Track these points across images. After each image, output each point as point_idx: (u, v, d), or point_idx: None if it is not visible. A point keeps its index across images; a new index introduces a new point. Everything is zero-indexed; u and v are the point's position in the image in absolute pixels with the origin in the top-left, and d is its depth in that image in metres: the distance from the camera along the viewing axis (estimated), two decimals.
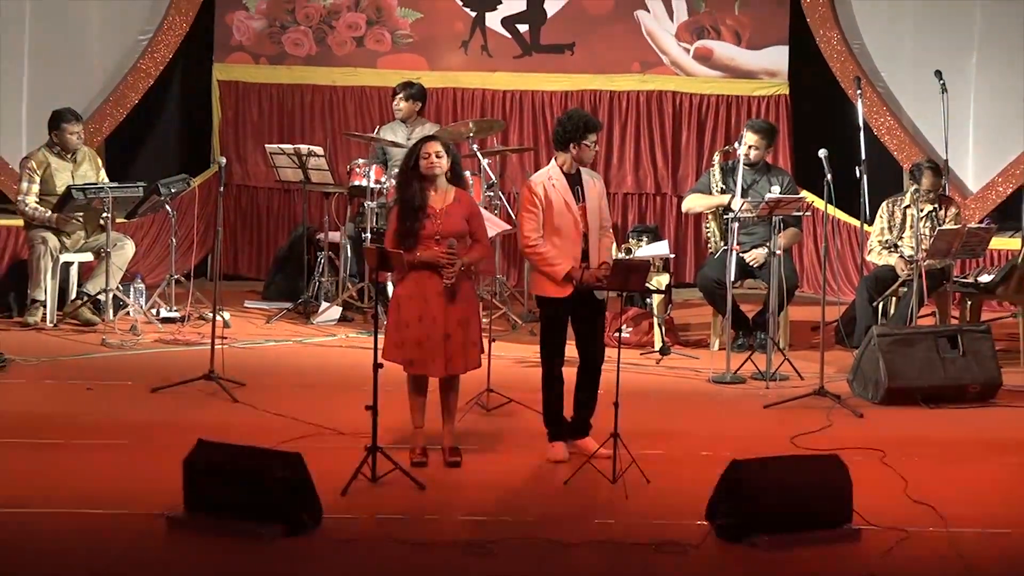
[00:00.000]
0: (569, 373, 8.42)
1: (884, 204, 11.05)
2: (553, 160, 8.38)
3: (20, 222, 11.74)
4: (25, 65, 12.76)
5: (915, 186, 10.85)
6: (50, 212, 11.25)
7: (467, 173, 10.90)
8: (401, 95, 11.84)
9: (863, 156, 11.26)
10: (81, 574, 6.63)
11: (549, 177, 8.32)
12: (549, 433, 8.42)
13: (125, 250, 11.41)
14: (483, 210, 9.64)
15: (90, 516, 7.33)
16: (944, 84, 12.08)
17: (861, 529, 7.23)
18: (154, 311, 11.37)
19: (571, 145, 8.28)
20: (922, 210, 10.85)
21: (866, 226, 11.20)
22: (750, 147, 10.74)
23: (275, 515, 7.08)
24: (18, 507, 7.39)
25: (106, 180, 11.49)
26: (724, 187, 10.82)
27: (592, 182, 8.38)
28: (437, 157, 7.99)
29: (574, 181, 8.33)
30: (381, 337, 8.04)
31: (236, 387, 9.48)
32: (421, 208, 7.99)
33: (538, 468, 8.25)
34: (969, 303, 11.08)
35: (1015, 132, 12.23)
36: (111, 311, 11.11)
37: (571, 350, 8.47)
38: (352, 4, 13.03)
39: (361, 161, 11.67)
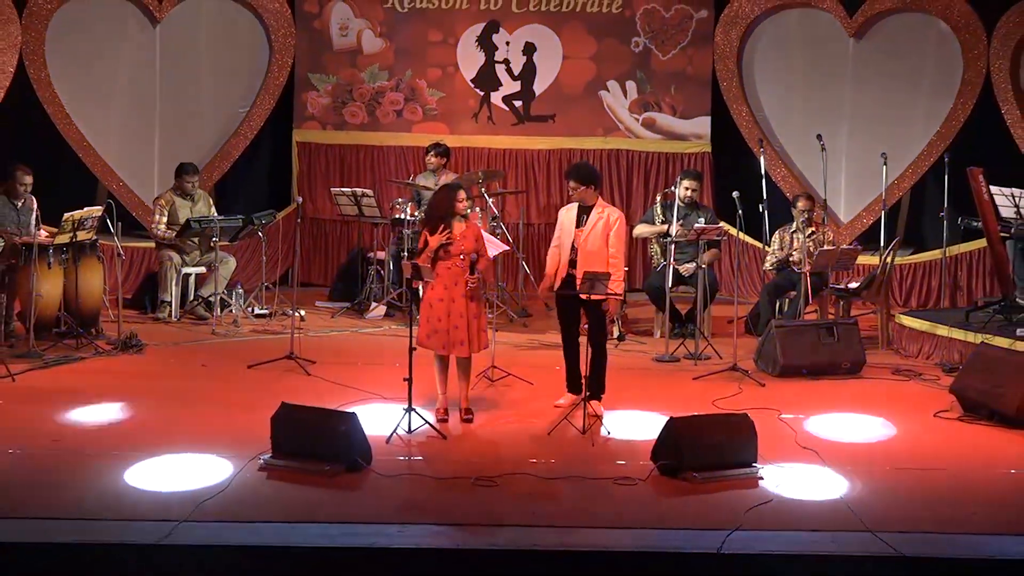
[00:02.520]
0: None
1: (778, 231, 11.05)
2: None
3: (152, 244, 11.74)
4: (156, 130, 12.75)
5: (803, 216, 10.86)
6: (174, 236, 11.28)
7: (477, 209, 10.98)
8: (432, 152, 11.85)
9: (764, 196, 11.25)
10: (194, 500, 6.62)
11: (567, 208, 8.50)
12: (567, 386, 8.54)
13: (229, 264, 11.40)
14: (488, 234, 9.68)
15: (201, 459, 7.33)
16: (823, 144, 12.09)
17: (763, 466, 7.24)
18: (250, 309, 11.36)
19: None
20: (807, 233, 10.85)
21: (766, 247, 11.21)
22: (688, 189, 10.75)
23: (338, 457, 7.09)
24: (148, 451, 7.40)
25: (215, 214, 11.48)
26: (664, 219, 10.82)
27: (598, 216, 8.35)
28: (465, 201, 8.14)
29: (584, 211, 8.37)
30: (415, 328, 8.06)
31: (309, 364, 9.48)
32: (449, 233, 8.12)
33: (529, 423, 8.23)
34: (842, 303, 11.08)
35: (874, 180, 12.22)
36: (218, 309, 11.10)
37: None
38: (393, 86, 13.02)
39: (400, 200, 11.66)
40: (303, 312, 11.12)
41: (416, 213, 11.29)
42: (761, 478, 7.13)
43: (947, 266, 11.95)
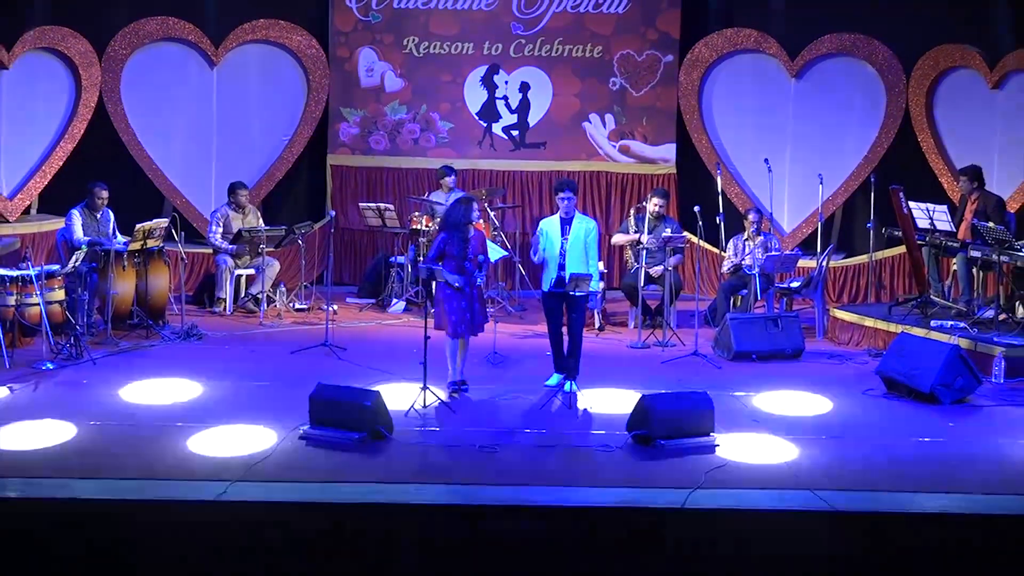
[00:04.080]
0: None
1: (732, 239, 11.05)
2: None
3: (210, 250, 11.72)
4: (213, 155, 12.74)
5: (753, 227, 10.86)
6: (228, 243, 11.27)
7: (480, 220, 10.97)
8: (444, 173, 11.85)
9: (720, 211, 11.24)
10: (245, 463, 6.62)
11: (550, 220, 8.47)
12: (555, 367, 8.54)
13: (274, 267, 11.39)
14: (491, 241, 9.69)
15: (251, 429, 7.33)
16: (770, 166, 12.09)
17: (720, 436, 7.24)
18: (291, 304, 11.35)
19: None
20: (756, 241, 10.85)
21: (722, 252, 11.19)
22: (656, 205, 10.75)
23: (365, 428, 7.09)
24: (207, 422, 7.40)
25: (262, 225, 11.47)
26: (637, 229, 10.82)
27: (580, 225, 8.37)
28: (476, 211, 8.25)
29: (565, 223, 8.37)
30: (430, 320, 8.07)
31: (341, 351, 9.48)
32: (464, 239, 8.12)
33: (525, 400, 8.23)
34: (785, 299, 11.08)
35: (812, 196, 12.21)
36: (265, 304, 11.09)
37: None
38: (411, 119, 13.00)
39: (417, 213, 11.65)
40: (336, 307, 11.12)
41: (430, 224, 11.28)
42: (718, 445, 7.14)
43: (873, 268, 11.96)
